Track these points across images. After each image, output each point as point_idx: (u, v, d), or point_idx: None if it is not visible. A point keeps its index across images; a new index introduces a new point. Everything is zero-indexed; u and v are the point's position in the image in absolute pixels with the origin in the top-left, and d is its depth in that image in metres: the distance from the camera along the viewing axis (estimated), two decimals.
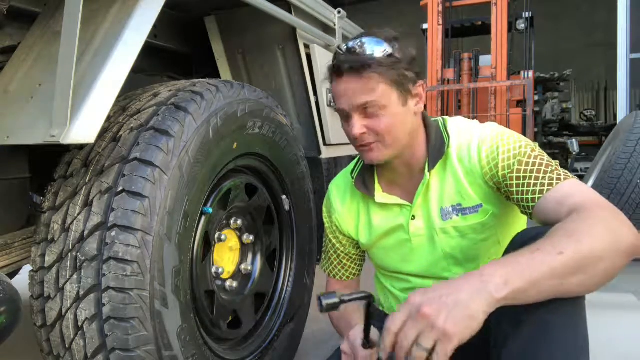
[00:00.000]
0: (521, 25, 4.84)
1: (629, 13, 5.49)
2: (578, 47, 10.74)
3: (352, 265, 1.36)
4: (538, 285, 0.77)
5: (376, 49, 1.05)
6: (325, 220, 1.35)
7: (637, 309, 2.30)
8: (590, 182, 3.29)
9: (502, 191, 1.09)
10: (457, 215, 1.13)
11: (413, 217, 1.18)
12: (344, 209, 1.29)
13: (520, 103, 4.74)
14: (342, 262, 1.36)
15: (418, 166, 1.16)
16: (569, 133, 6.77)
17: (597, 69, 10.59)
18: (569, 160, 5.58)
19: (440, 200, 1.15)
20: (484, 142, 1.09)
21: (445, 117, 1.21)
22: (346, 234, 1.31)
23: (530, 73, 4.68)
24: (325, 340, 1.91)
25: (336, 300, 0.89)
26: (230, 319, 1.37)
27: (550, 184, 0.98)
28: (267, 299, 1.55)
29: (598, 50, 10.36)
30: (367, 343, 1.02)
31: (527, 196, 1.01)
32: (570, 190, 0.96)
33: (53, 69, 0.97)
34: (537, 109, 4.85)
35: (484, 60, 4.86)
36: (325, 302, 0.89)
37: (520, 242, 0.95)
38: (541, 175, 1.00)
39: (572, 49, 10.65)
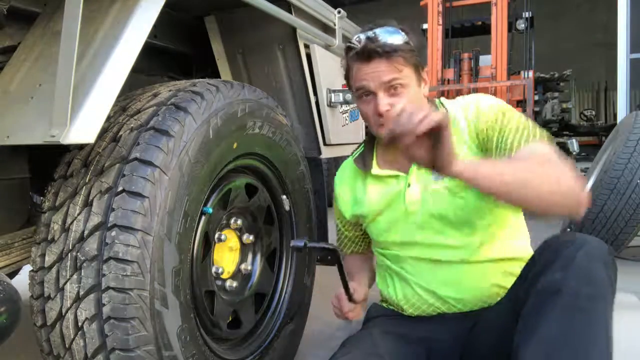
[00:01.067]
0: (521, 25, 4.84)
1: (629, 13, 5.50)
2: (578, 47, 10.74)
3: (360, 241, 1.49)
4: (488, 176, 0.98)
5: (396, 37, 1.17)
6: (335, 206, 1.48)
7: (638, 308, 2.30)
8: (590, 182, 3.29)
9: (486, 148, 1.19)
10: None
11: (409, 185, 1.25)
12: (343, 186, 1.42)
13: (520, 103, 4.74)
14: (351, 239, 1.49)
15: None
16: (569, 133, 6.77)
17: (597, 69, 10.59)
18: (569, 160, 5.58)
19: None
20: (469, 107, 1.22)
21: (442, 98, 1.35)
22: (346, 213, 1.41)
23: (530, 73, 4.69)
24: (325, 340, 1.91)
25: (301, 244, 1.09)
26: (230, 319, 1.37)
27: (526, 141, 1.10)
28: (267, 299, 1.55)
29: (598, 50, 10.36)
30: (350, 297, 1.21)
31: (506, 147, 1.12)
32: (542, 147, 1.09)
33: (53, 69, 0.97)
34: (537, 109, 4.84)
35: (484, 60, 4.86)
36: (292, 243, 1.12)
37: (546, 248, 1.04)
38: (521, 128, 1.13)
39: (572, 49, 10.65)
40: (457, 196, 1.19)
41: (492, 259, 1.20)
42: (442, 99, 1.32)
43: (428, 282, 1.24)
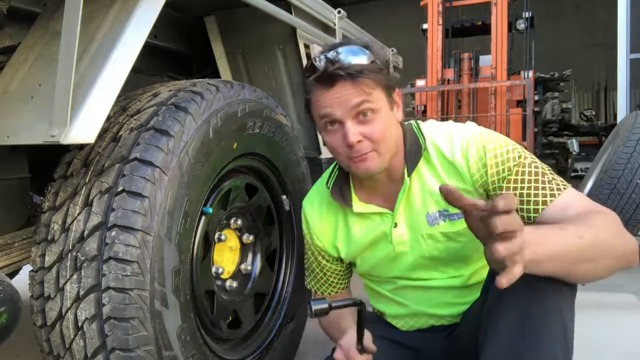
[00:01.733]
0: (521, 25, 4.84)
1: (629, 13, 5.49)
2: (578, 47, 10.74)
3: (339, 281, 1.33)
4: (554, 260, 0.83)
5: (361, 57, 1.03)
6: (306, 238, 1.32)
7: (638, 309, 2.30)
8: (590, 182, 3.29)
9: (492, 199, 1.08)
10: (444, 221, 1.11)
11: (395, 225, 1.15)
12: (321, 224, 1.26)
13: (520, 103, 4.73)
14: (328, 280, 1.32)
15: (397, 173, 1.13)
16: (569, 133, 6.77)
17: (597, 69, 10.59)
18: (569, 160, 5.59)
19: (424, 205, 1.12)
20: (469, 147, 1.07)
21: (417, 121, 1.20)
22: (325, 250, 1.28)
23: (530, 73, 4.68)
24: (325, 340, 1.90)
25: (326, 306, 0.93)
26: (230, 319, 1.36)
27: (552, 195, 0.99)
28: (267, 299, 1.55)
29: (598, 50, 10.36)
30: (362, 348, 1.03)
31: (529, 206, 1.00)
32: (572, 199, 0.99)
33: (53, 69, 0.97)
34: (537, 109, 4.83)
35: (484, 60, 4.86)
36: (315, 307, 0.93)
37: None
38: (540, 185, 1.00)
39: (572, 49, 10.65)
40: (453, 241, 1.12)
41: (483, 280, 1.14)
42: (420, 123, 1.18)
43: (422, 304, 1.21)
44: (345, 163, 1.10)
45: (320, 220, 1.27)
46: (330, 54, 1.03)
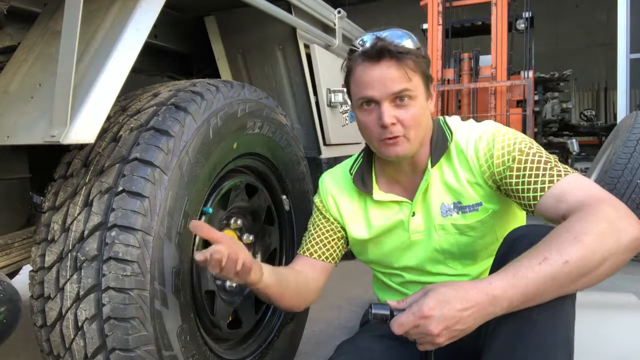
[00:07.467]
0: (521, 25, 4.84)
1: (629, 13, 5.50)
2: (578, 47, 10.75)
3: (332, 248, 1.29)
4: (541, 297, 0.84)
5: (406, 40, 1.07)
6: (317, 207, 1.31)
7: (638, 308, 2.30)
8: None
9: (501, 189, 1.10)
10: (457, 213, 1.14)
11: (413, 214, 1.18)
12: (341, 199, 1.28)
13: (520, 103, 4.74)
14: (324, 240, 1.28)
15: (421, 164, 1.17)
16: (569, 133, 6.77)
17: (597, 69, 10.60)
18: (569, 160, 5.59)
19: (440, 196, 1.15)
20: (481, 140, 1.11)
21: (445, 116, 1.23)
22: (333, 216, 1.28)
23: (530, 73, 4.69)
24: (325, 340, 1.91)
25: (387, 312, 0.90)
26: (230, 319, 1.36)
27: (550, 181, 0.99)
28: None
29: (598, 50, 10.37)
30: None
31: (528, 194, 1.02)
32: (570, 186, 0.97)
33: (53, 69, 0.97)
34: (537, 109, 4.84)
35: (484, 60, 4.86)
36: (375, 311, 0.90)
37: (511, 240, 0.99)
38: (540, 172, 1.01)
39: (572, 49, 10.67)
40: (464, 234, 1.14)
41: None
42: (447, 118, 1.20)
43: None
44: (375, 144, 1.13)
45: (342, 194, 1.28)
46: (378, 33, 1.07)
